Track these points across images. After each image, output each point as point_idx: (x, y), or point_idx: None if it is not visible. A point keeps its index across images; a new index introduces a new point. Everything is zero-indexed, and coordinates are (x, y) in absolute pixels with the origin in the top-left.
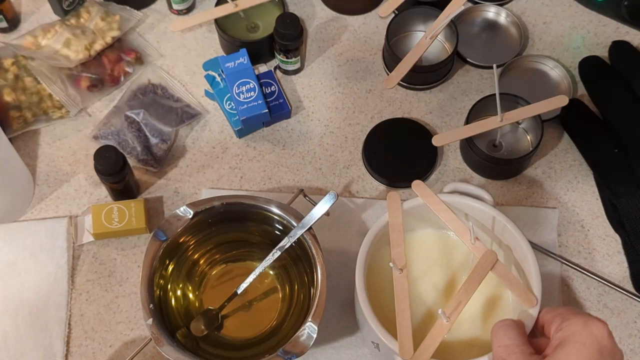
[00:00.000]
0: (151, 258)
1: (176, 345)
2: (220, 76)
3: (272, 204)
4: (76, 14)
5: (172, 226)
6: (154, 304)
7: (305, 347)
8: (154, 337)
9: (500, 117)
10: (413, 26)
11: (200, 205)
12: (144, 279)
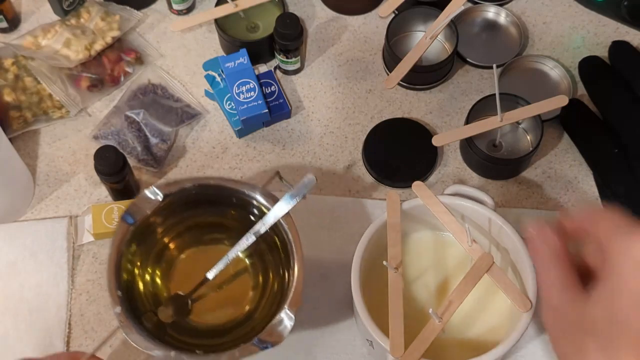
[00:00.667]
0: (118, 242)
1: (145, 334)
2: (220, 76)
3: (245, 186)
4: (76, 14)
5: (140, 209)
6: (122, 291)
7: (281, 335)
8: (122, 325)
9: (500, 117)
10: (413, 26)
11: (170, 187)
12: (111, 264)
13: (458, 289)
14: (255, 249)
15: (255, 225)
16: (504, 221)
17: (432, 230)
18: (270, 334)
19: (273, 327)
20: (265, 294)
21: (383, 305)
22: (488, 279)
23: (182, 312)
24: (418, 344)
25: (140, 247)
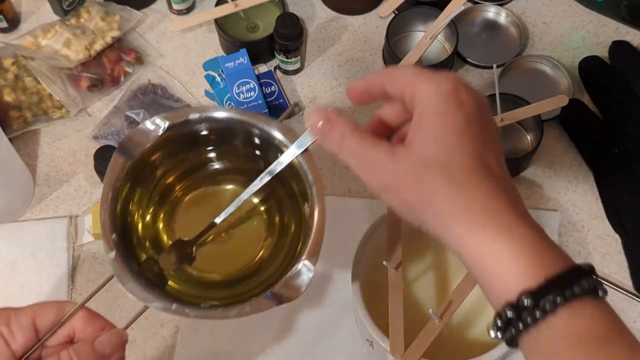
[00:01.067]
0: (114, 178)
1: (144, 283)
2: (220, 76)
3: (260, 119)
4: (76, 14)
5: (139, 141)
6: (117, 234)
7: (298, 289)
8: (117, 273)
9: (500, 117)
10: (413, 26)
11: (174, 118)
12: (105, 203)
13: (458, 289)
14: (270, 192)
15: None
16: None
17: None
18: (285, 287)
19: (289, 279)
20: (281, 242)
21: (383, 305)
22: None
23: (186, 260)
24: (418, 344)
25: (138, 186)
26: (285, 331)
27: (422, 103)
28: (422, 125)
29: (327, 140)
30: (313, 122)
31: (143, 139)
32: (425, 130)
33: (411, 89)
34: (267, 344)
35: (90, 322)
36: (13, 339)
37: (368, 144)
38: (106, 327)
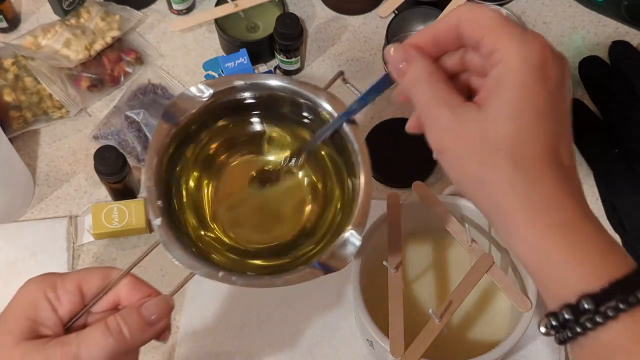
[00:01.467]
0: (159, 144)
1: (189, 251)
2: (220, 76)
3: (306, 86)
4: (76, 14)
5: (183, 108)
6: (163, 200)
7: (345, 259)
8: (162, 240)
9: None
10: (413, 26)
11: (218, 85)
12: (150, 169)
13: (458, 289)
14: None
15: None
16: None
17: (432, 230)
18: (332, 257)
19: (335, 249)
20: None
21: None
22: (488, 279)
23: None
24: (418, 344)
25: (182, 152)
26: (285, 331)
27: (504, 65)
28: (501, 93)
29: (401, 81)
30: (391, 59)
31: (188, 105)
32: (504, 101)
33: (493, 40)
34: (267, 344)
35: (135, 288)
36: (60, 304)
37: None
38: (152, 294)
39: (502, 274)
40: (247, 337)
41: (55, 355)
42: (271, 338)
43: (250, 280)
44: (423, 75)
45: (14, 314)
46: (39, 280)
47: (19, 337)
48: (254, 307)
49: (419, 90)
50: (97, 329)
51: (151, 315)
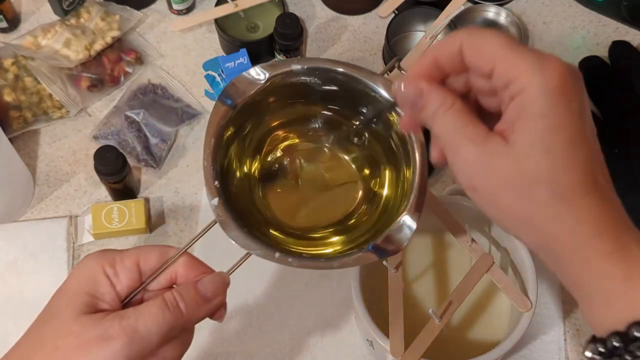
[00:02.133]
0: (217, 126)
1: (245, 231)
2: (220, 76)
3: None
4: (76, 14)
5: (240, 90)
6: (220, 181)
7: (400, 243)
8: (220, 220)
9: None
10: (413, 26)
11: (276, 68)
12: (208, 149)
13: (458, 289)
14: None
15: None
16: None
17: (432, 230)
18: (387, 241)
19: (391, 233)
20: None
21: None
22: (488, 279)
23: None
24: (418, 344)
25: (237, 134)
26: (285, 331)
27: (525, 96)
28: (527, 126)
29: (420, 117)
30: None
31: (245, 87)
32: (532, 134)
33: (507, 70)
34: (267, 344)
35: (192, 267)
36: (118, 280)
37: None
38: (208, 273)
39: (502, 274)
40: (247, 337)
41: (113, 329)
42: (271, 338)
43: (307, 262)
44: (441, 108)
45: (73, 289)
46: (98, 256)
47: (78, 311)
48: (254, 308)
49: (440, 124)
50: (154, 304)
51: (207, 291)
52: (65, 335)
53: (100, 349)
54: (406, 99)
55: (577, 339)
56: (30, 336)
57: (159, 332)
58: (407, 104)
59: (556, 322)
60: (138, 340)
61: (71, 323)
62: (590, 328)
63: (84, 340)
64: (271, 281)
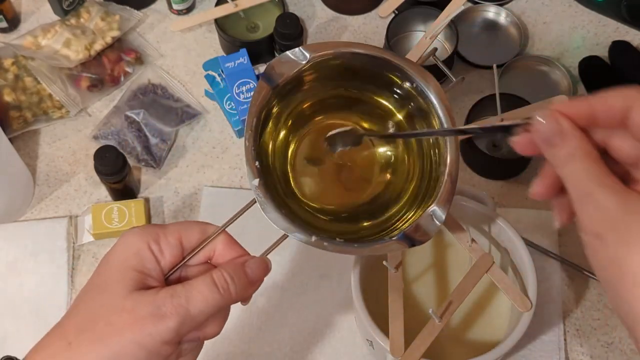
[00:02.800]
0: (258, 105)
1: (284, 212)
2: (220, 76)
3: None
4: (76, 14)
5: (282, 70)
6: (260, 161)
7: (427, 234)
8: (260, 201)
9: (500, 117)
10: (413, 26)
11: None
12: (250, 130)
13: (458, 289)
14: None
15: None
16: (504, 221)
17: None
18: (416, 231)
19: (420, 223)
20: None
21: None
22: (488, 279)
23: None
24: (418, 344)
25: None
26: (285, 331)
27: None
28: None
29: (550, 153)
30: (541, 127)
31: (286, 68)
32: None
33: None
34: (267, 344)
35: (229, 246)
36: (162, 256)
37: (598, 178)
38: (243, 253)
39: (502, 274)
40: (247, 337)
41: (165, 308)
42: (271, 338)
43: (340, 246)
44: (579, 153)
45: (120, 264)
46: (142, 232)
47: (129, 287)
48: (254, 307)
49: (575, 169)
50: (205, 284)
51: (254, 275)
52: (119, 312)
53: (154, 327)
54: (543, 132)
55: (577, 339)
56: (80, 310)
57: (208, 313)
58: (542, 137)
59: (556, 322)
60: (189, 320)
61: (123, 299)
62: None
63: (138, 317)
64: (271, 281)
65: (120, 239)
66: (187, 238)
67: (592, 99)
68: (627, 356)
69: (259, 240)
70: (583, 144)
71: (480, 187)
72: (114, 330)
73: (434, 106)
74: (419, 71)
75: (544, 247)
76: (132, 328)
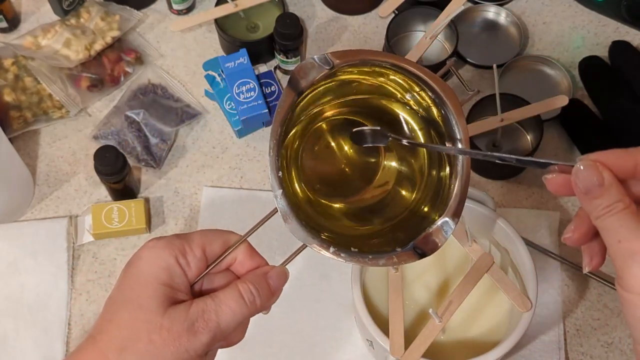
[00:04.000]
0: (285, 114)
1: (303, 223)
2: (220, 76)
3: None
4: (76, 14)
5: (304, 76)
6: (282, 171)
7: (436, 245)
8: (282, 211)
9: (500, 117)
10: (413, 26)
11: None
12: (275, 140)
13: (458, 289)
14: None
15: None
16: (504, 221)
17: None
18: (425, 242)
19: (429, 234)
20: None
21: (383, 305)
22: (488, 279)
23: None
24: (418, 344)
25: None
26: (285, 331)
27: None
28: None
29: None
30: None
31: (311, 74)
32: None
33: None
34: (267, 344)
35: (249, 255)
36: (189, 269)
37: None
38: (263, 262)
39: (502, 274)
40: (247, 337)
41: (198, 324)
42: (271, 338)
43: (356, 257)
44: (619, 206)
45: (150, 278)
46: (169, 246)
47: (163, 303)
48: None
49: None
50: (234, 299)
51: (276, 286)
52: (158, 330)
53: (190, 343)
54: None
55: (577, 339)
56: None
57: (236, 325)
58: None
59: (556, 322)
60: (220, 333)
61: (161, 317)
62: None
63: (176, 335)
64: None
65: (146, 251)
66: (210, 248)
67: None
68: (627, 356)
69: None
70: (622, 196)
71: (480, 187)
72: (155, 349)
73: (450, 120)
74: (439, 84)
75: (544, 247)
76: (171, 345)
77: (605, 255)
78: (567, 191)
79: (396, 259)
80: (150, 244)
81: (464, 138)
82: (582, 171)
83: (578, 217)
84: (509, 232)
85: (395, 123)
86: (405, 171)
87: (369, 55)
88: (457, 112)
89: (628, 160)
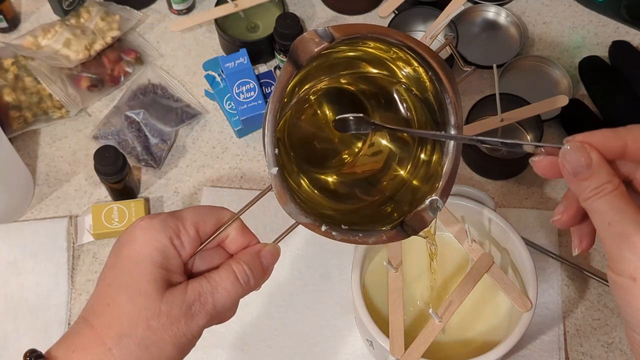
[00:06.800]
0: (283, 90)
1: (298, 202)
2: (220, 76)
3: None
4: (76, 14)
5: (304, 50)
6: (279, 149)
7: (425, 223)
8: (277, 191)
9: (500, 117)
10: (413, 26)
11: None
12: (272, 116)
13: (458, 289)
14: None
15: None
16: (504, 221)
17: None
18: (415, 220)
19: (418, 212)
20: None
21: (383, 305)
22: (488, 279)
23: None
24: (418, 344)
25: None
26: (285, 331)
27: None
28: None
29: (575, 185)
30: (568, 158)
31: (310, 47)
32: None
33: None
34: (267, 344)
35: (242, 233)
36: (183, 249)
37: (629, 215)
38: (254, 240)
39: (502, 274)
40: (247, 337)
41: (195, 307)
42: (271, 338)
43: (347, 235)
44: (609, 187)
45: (146, 262)
46: (163, 226)
47: (160, 287)
48: (253, 307)
49: (606, 203)
50: (229, 281)
51: (268, 263)
52: (156, 316)
53: (187, 327)
54: (570, 162)
55: (577, 339)
56: (113, 310)
57: (231, 305)
58: (569, 168)
59: (556, 322)
60: (216, 315)
61: (159, 303)
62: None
63: (173, 319)
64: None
65: (140, 231)
66: (203, 227)
67: (622, 132)
68: (627, 356)
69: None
70: (611, 177)
71: (480, 187)
72: (154, 335)
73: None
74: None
75: (544, 247)
76: (168, 331)
77: (594, 237)
78: (555, 173)
79: (385, 237)
80: (143, 224)
81: (458, 121)
82: (569, 152)
83: (566, 199)
84: (509, 232)
85: (390, 100)
86: (396, 148)
87: (369, 29)
88: (453, 90)
89: (616, 140)
